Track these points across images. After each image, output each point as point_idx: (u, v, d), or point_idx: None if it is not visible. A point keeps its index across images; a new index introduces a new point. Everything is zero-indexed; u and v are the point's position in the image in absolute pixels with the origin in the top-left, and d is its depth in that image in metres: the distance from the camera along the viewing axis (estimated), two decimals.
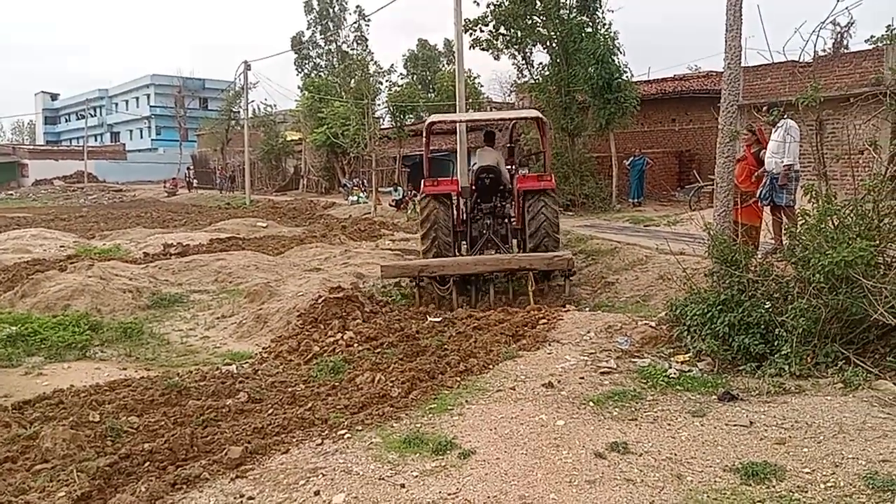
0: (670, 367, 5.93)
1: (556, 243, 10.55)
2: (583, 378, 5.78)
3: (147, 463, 4.49)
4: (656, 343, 6.64)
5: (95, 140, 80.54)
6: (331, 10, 51.04)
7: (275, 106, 46.64)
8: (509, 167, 12.00)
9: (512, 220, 11.36)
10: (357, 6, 51.85)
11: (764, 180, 9.30)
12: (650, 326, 6.96)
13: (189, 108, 66.78)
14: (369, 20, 48.25)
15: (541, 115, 12.27)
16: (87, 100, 73.60)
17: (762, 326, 5.86)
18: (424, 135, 11.83)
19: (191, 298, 11.03)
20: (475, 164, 12.21)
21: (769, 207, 9.35)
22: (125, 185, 55.64)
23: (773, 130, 9.18)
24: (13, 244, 17.00)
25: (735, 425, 4.59)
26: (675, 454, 4.23)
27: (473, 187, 11.46)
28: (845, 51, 17.22)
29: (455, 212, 11.10)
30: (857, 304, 5.45)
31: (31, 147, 71.76)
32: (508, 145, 13.67)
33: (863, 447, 4.08)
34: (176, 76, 68.73)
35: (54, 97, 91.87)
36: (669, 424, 4.72)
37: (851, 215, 6.02)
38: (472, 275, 10.07)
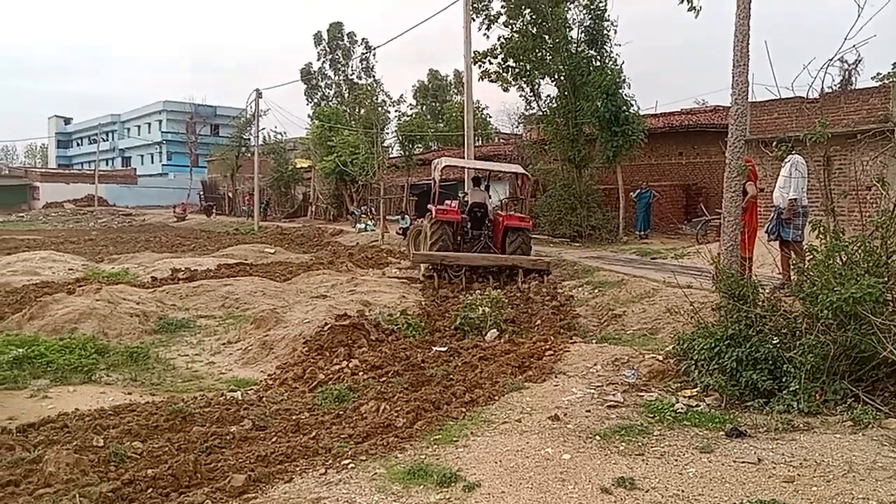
0: (677, 402, 5.88)
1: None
2: (589, 411, 5.74)
3: (150, 489, 4.46)
4: (663, 377, 6.60)
5: (107, 164, 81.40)
6: (339, 43, 52.00)
7: (285, 133, 47.22)
8: (491, 200, 16.05)
9: (492, 247, 14.60)
10: (363, 38, 52.83)
11: (771, 215, 9.33)
12: (657, 360, 6.92)
13: (200, 134, 67.48)
14: (375, 53, 49.20)
15: (525, 172, 16.70)
16: (99, 125, 74.68)
17: (770, 362, 5.82)
18: (438, 173, 15.27)
19: (197, 324, 11.03)
20: (466, 195, 15.97)
21: (777, 243, 9.36)
22: (135, 209, 56.12)
23: (781, 166, 9.23)
24: (22, 266, 17.08)
25: (743, 462, 4.54)
26: (683, 491, 4.18)
27: (468, 218, 15.02)
28: (852, 87, 17.28)
29: (453, 231, 14.63)
30: (866, 342, 5.40)
31: (43, 170, 72.55)
32: (486, 185, 17.24)
33: (873, 487, 4.03)
34: (188, 102, 69.69)
35: (67, 121, 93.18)
36: (676, 460, 4.68)
37: (859, 251, 6.00)
38: (478, 266, 13.69)
